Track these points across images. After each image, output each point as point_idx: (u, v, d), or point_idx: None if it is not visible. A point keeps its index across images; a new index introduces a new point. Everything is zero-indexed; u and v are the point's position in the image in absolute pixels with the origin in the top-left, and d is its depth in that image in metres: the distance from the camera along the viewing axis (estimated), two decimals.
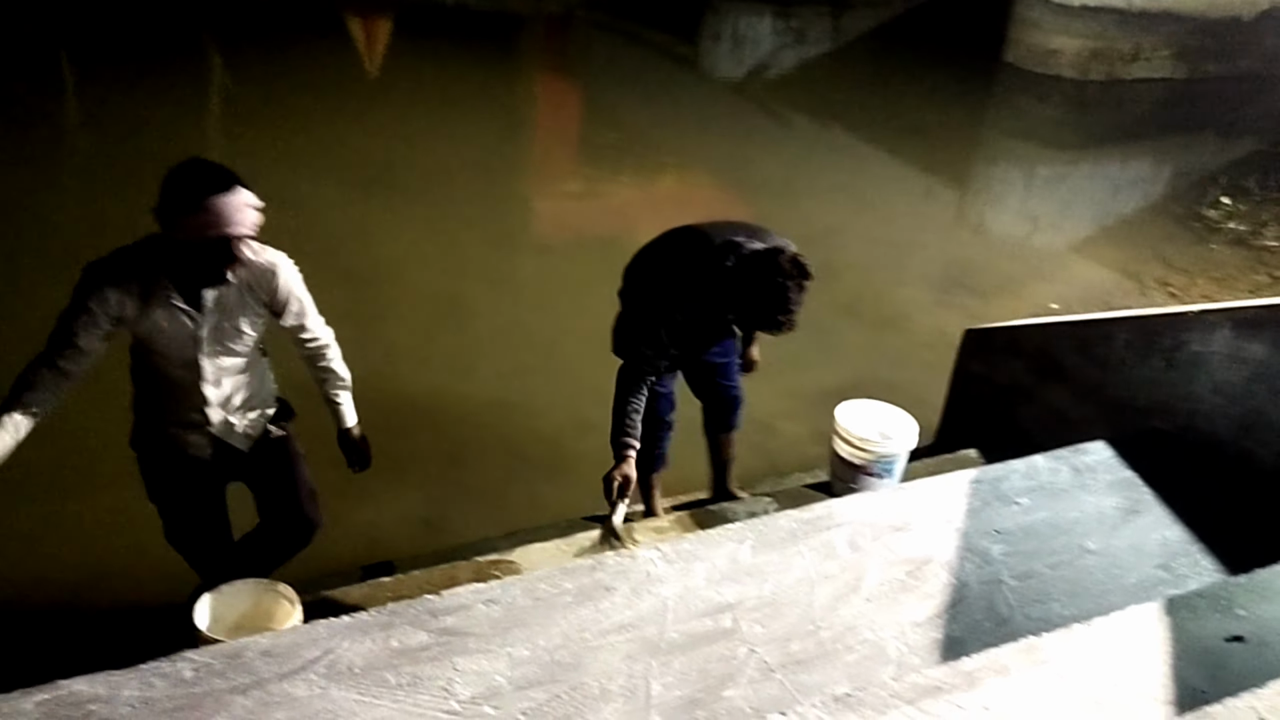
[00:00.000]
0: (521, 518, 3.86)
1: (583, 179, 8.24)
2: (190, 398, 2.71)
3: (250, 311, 2.67)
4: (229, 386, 2.75)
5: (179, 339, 2.60)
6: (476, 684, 2.07)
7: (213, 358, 2.67)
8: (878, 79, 11.45)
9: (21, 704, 1.90)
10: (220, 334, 2.64)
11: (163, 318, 2.55)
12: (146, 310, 2.53)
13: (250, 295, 2.65)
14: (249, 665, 2.04)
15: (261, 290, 2.67)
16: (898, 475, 3.62)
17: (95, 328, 2.49)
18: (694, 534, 2.76)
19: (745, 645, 2.27)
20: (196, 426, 2.76)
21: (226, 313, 2.63)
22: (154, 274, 2.52)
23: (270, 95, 8.68)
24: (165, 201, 2.40)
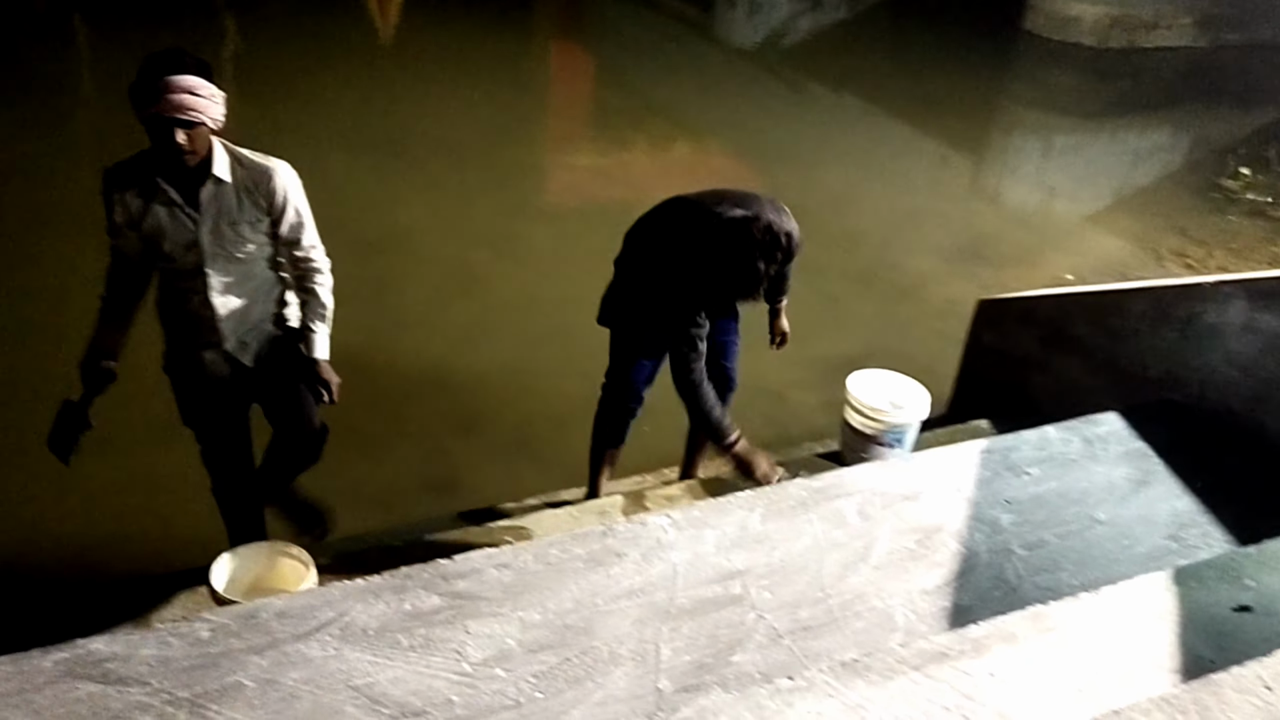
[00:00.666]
0: (532, 484, 3.88)
1: (595, 146, 8.21)
2: (200, 313, 2.78)
3: (249, 215, 2.71)
4: (237, 301, 2.80)
5: (181, 240, 2.67)
6: (488, 647, 2.09)
7: (216, 264, 2.72)
8: (894, 46, 11.35)
9: (40, 662, 1.94)
10: (220, 237, 2.69)
11: (163, 215, 2.65)
12: (148, 208, 2.64)
13: (248, 198, 2.69)
14: (264, 626, 2.07)
15: (260, 193, 2.70)
16: (909, 445, 3.62)
17: (119, 229, 2.67)
18: (704, 501, 2.77)
19: (754, 611, 2.28)
20: (212, 345, 2.83)
21: (224, 213, 2.67)
22: (154, 176, 2.62)
23: (283, 61, 8.65)
24: (136, 84, 2.50)
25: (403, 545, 3.17)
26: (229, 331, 2.83)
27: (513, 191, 6.91)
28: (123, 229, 2.67)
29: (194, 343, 2.85)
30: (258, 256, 2.79)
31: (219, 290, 2.76)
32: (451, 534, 3.31)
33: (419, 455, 4.17)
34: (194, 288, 2.75)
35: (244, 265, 2.77)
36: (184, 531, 3.24)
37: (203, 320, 2.80)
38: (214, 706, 1.88)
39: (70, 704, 1.84)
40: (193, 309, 2.78)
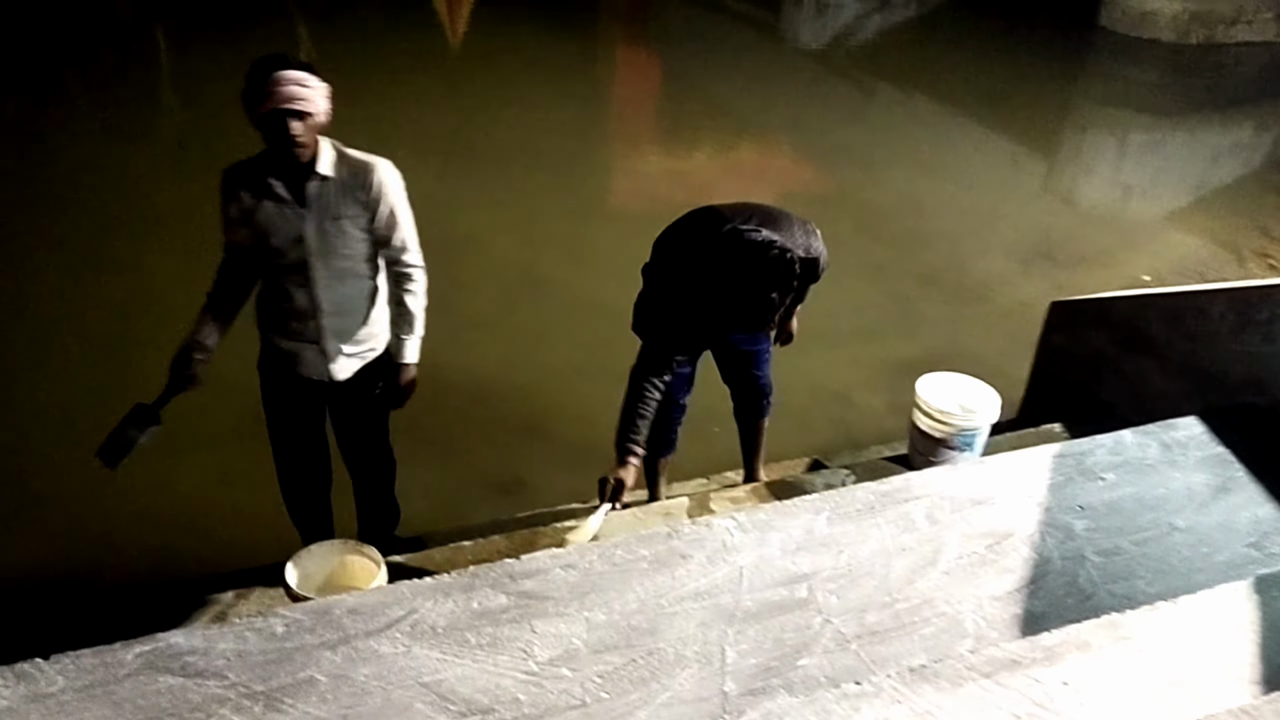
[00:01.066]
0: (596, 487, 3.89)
1: (661, 149, 8.23)
2: (304, 308, 2.87)
3: (352, 210, 2.80)
4: (339, 299, 2.89)
5: (288, 235, 2.77)
6: (554, 646, 2.11)
7: (320, 260, 2.81)
8: (964, 45, 11.17)
9: (123, 655, 1.99)
10: (324, 233, 2.79)
11: (272, 210, 2.75)
12: (259, 204, 2.75)
13: (350, 194, 2.79)
14: (337, 622, 2.11)
15: (360, 188, 2.79)
16: (978, 449, 3.57)
17: (232, 226, 2.79)
18: (770, 504, 2.76)
19: (820, 615, 2.27)
20: (310, 341, 2.91)
21: (329, 209, 2.77)
22: (268, 173, 2.74)
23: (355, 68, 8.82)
24: (247, 87, 2.63)
25: (470, 544, 3.21)
26: (329, 330, 2.91)
27: (579, 194, 6.96)
28: (236, 225, 2.78)
29: (294, 339, 2.93)
30: (359, 256, 2.88)
31: (322, 286, 2.85)
32: (518, 534, 3.34)
33: (486, 456, 4.22)
34: (298, 282, 2.84)
35: (347, 263, 2.86)
36: (260, 528, 3.32)
37: (305, 315, 2.88)
38: (288, 700, 1.92)
39: (151, 696, 1.90)
40: (296, 305, 2.87)
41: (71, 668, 1.95)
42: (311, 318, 2.88)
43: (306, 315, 2.88)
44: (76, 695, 1.89)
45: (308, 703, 1.92)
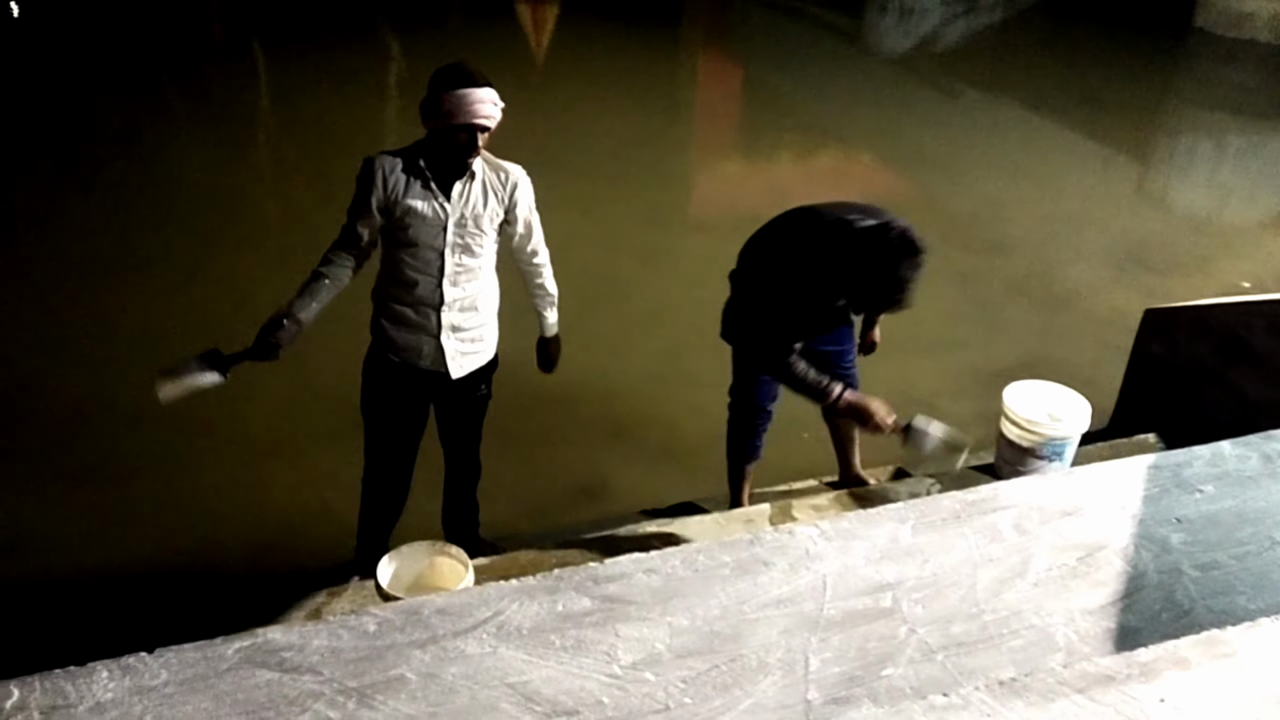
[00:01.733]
0: (679, 490, 3.92)
1: (741, 156, 8.22)
2: (429, 298, 2.98)
3: (490, 210, 2.96)
4: (463, 293, 3.00)
5: (429, 227, 2.90)
6: (637, 650, 2.12)
7: (455, 253, 2.94)
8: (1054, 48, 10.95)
9: (223, 650, 2.06)
10: (463, 227, 2.92)
11: (418, 200, 2.87)
12: (406, 193, 2.87)
13: (493, 195, 2.95)
14: (426, 622, 2.15)
15: (503, 193, 2.97)
16: (1068, 459, 3.49)
17: (367, 213, 2.89)
18: (853, 512, 2.73)
19: (905, 625, 2.24)
20: (431, 335, 3.01)
21: (470, 205, 2.92)
22: (417, 163, 2.87)
23: None
24: (429, 97, 2.80)
25: (555, 547, 3.25)
26: (449, 324, 3.00)
27: (660, 203, 6.99)
28: (374, 211, 2.88)
29: (414, 331, 3.02)
30: (486, 255, 3.02)
31: (451, 279, 2.96)
32: (601, 537, 3.37)
33: (570, 460, 4.26)
34: (429, 274, 2.95)
35: (476, 261, 2.99)
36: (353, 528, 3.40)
37: (429, 308, 2.99)
38: (380, 697, 1.96)
39: (249, 690, 1.96)
40: (423, 297, 2.97)
41: (174, 661, 2.02)
42: (435, 310, 2.99)
43: (430, 308, 2.99)
44: (179, 688, 1.96)
45: (398, 700, 1.96)
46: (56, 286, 5.38)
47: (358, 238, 2.93)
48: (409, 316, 3.00)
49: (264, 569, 3.44)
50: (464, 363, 3.10)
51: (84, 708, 1.90)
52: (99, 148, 7.50)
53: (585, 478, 4.18)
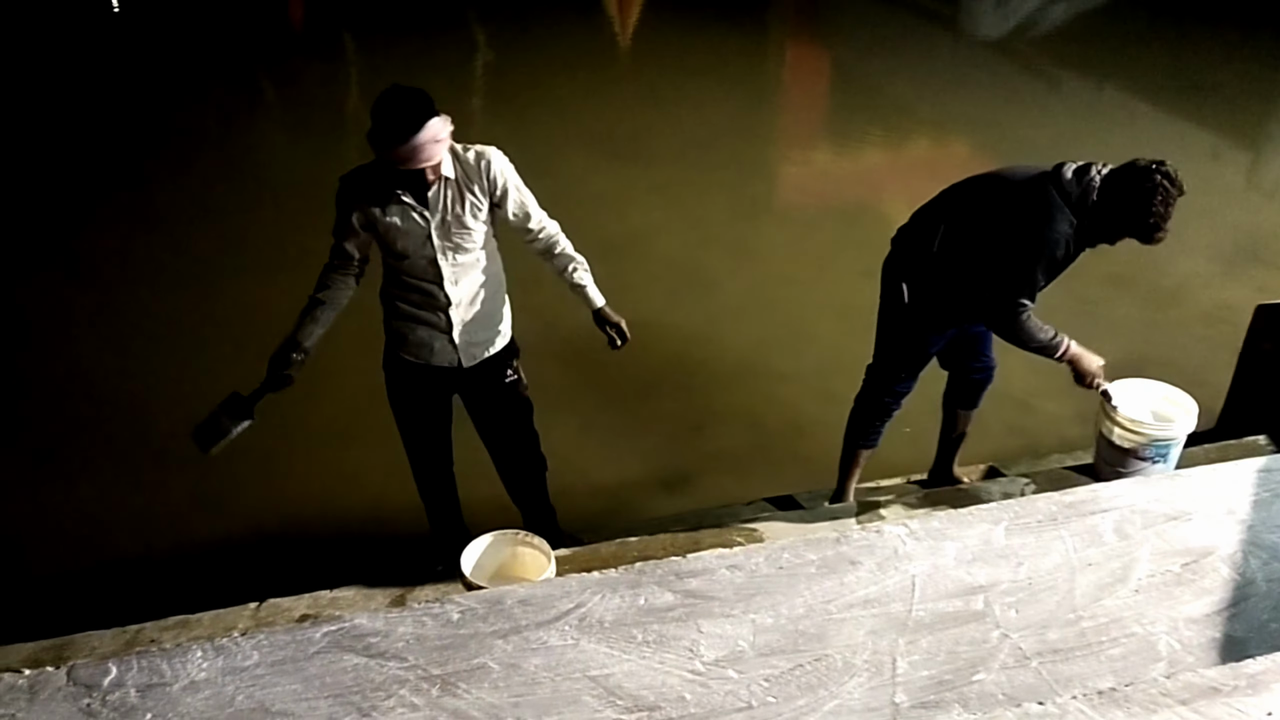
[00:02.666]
0: (763, 485, 3.87)
1: (830, 146, 8.10)
2: (435, 301, 2.96)
3: (471, 202, 2.89)
4: (467, 289, 2.98)
5: (415, 236, 2.87)
6: (720, 647, 2.10)
7: (447, 255, 2.91)
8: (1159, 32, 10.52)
9: (312, 633, 2.10)
10: (447, 230, 2.89)
11: (397, 215, 2.85)
12: (384, 211, 2.84)
13: (467, 189, 2.88)
14: (508, 612, 2.16)
15: (477, 181, 2.89)
16: (1173, 461, 3.35)
17: (352, 232, 2.89)
18: (944, 512, 2.66)
19: (998, 629, 2.18)
20: (442, 331, 3.01)
21: (450, 208, 2.87)
22: (388, 179, 2.82)
23: (528, 69, 9.03)
24: (371, 133, 2.73)
25: (636, 540, 3.24)
26: (458, 320, 3.00)
27: (747, 191, 6.92)
28: (357, 231, 2.88)
29: (426, 329, 3.02)
30: (479, 245, 2.97)
31: (451, 280, 2.95)
32: (684, 532, 3.35)
33: (652, 452, 4.24)
34: (428, 279, 2.94)
35: (470, 255, 2.95)
36: None
37: (436, 308, 2.98)
38: (463, 685, 1.97)
39: (337, 674, 1.99)
40: (426, 299, 2.97)
41: (265, 643, 2.06)
42: (443, 310, 2.98)
43: (437, 308, 2.98)
44: (269, 669, 2.00)
45: (480, 689, 1.97)
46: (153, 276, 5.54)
47: (349, 257, 2.94)
48: (419, 316, 3.01)
49: (350, 555, 3.49)
50: (477, 351, 3.09)
51: (178, 686, 1.95)
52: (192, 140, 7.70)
53: (667, 471, 4.16)
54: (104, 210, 6.37)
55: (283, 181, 6.80)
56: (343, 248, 2.93)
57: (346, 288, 2.98)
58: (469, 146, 2.90)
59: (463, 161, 2.88)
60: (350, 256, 2.94)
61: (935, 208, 3.24)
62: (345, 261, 2.95)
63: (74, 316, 5.23)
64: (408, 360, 3.07)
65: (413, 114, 2.69)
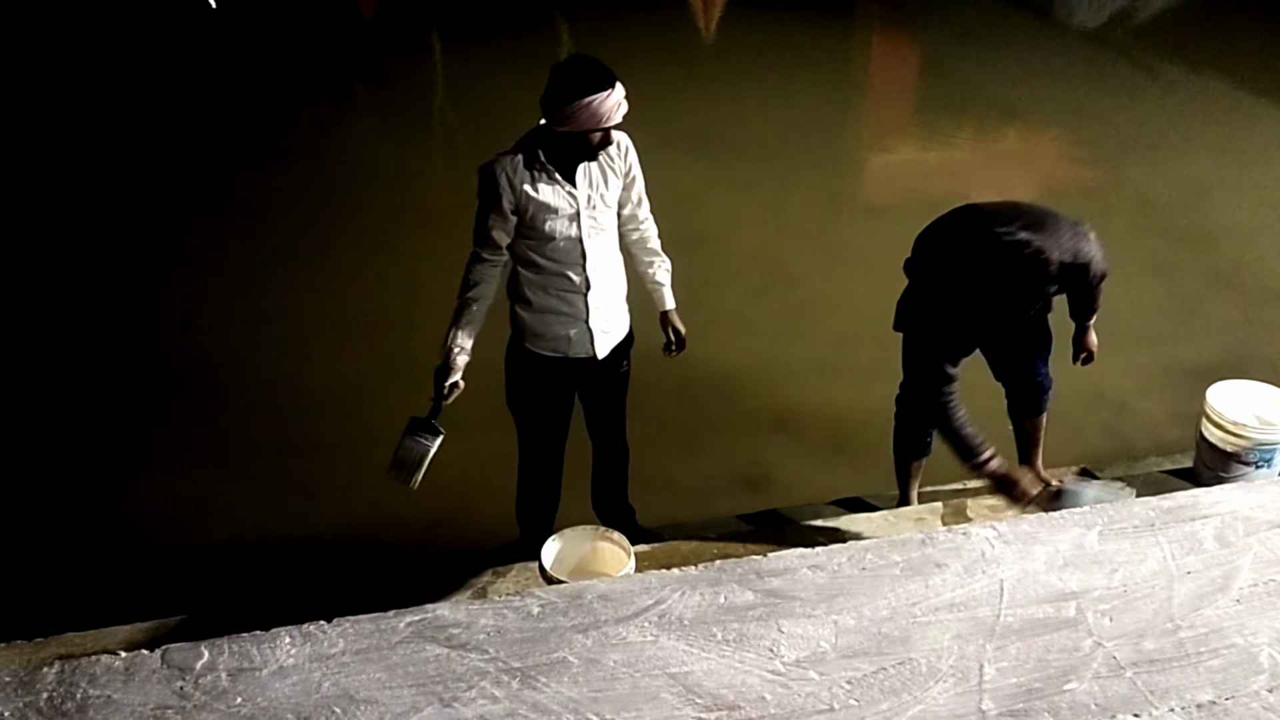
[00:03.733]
0: (844, 484, 3.82)
1: (917, 138, 7.94)
2: (575, 286, 2.98)
3: (612, 183, 2.95)
4: (604, 274, 3.01)
5: (562, 218, 2.90)
6: (801, 647, 2.07)
7: (591, 236, 2.94)
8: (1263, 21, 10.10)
9: (395, 623, 2.13)
10: (594, 210, 2.93)
11: (548, 194, 2.87)
12: (534, 188, 2.86)
13: (610, 167, 2.94)
14: (588, 607, 2.16)
15: (619, 161, 2.95)
16: (1277, 466, 3.22)
17: (500, 218, 2.89)
18: (1034, 515, 2.59)
19: (1091, 637, 2.11)
20: (580, 319, 3.02)
21: (595, 186, 2.92)
22: (537, 157, 2.86)
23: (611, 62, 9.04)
24: (548, 95, 2.77)
25: (716, 539, 3.22)
26: (595, 306, 3.01)
27: (831, 187, 6.83)
28: (506, 215, 2.88)
29: (563, 319, 3.03)
30: (613, 229, 3.03)
31: (593, 263, 2.97)
32: (764, 531, 3.33)
33: (732, 450, 4.21)
34: (571, 261, 2.95)
35: (607, 237, 3.00)
36: None
37: (576, 293, 2.99)
38: (542, 679, 1.98)
39: (419, 663, 2.02)
40: (568, 284, 2.98)
41: (350, 631, 2.10)
42: (583, 295, 2.99)
43: (578, 292, 2.99)
44: (355, 657, 2.03)
45: (560, 683, 1.98)
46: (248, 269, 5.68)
47: (496, 245, 2.94)
48: (556, 307, 3.01)
49: (433, 546, 3.54)
50: (607, 341, 3.10)
51: (267, 671, 1.99)
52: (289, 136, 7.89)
53: (747, 468, 4.12)
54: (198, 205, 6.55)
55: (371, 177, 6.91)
56: (490, 236, 2.92)
57: (493, 280, 2.99)
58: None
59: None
60: (498, 245, 2.94)
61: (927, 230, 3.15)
62: (493, 251, 2.95)
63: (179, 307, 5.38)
64: (539, 354, 3.08)
65: (605, 71, 2.77)
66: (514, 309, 3.08)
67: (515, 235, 2.94)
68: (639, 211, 3.08)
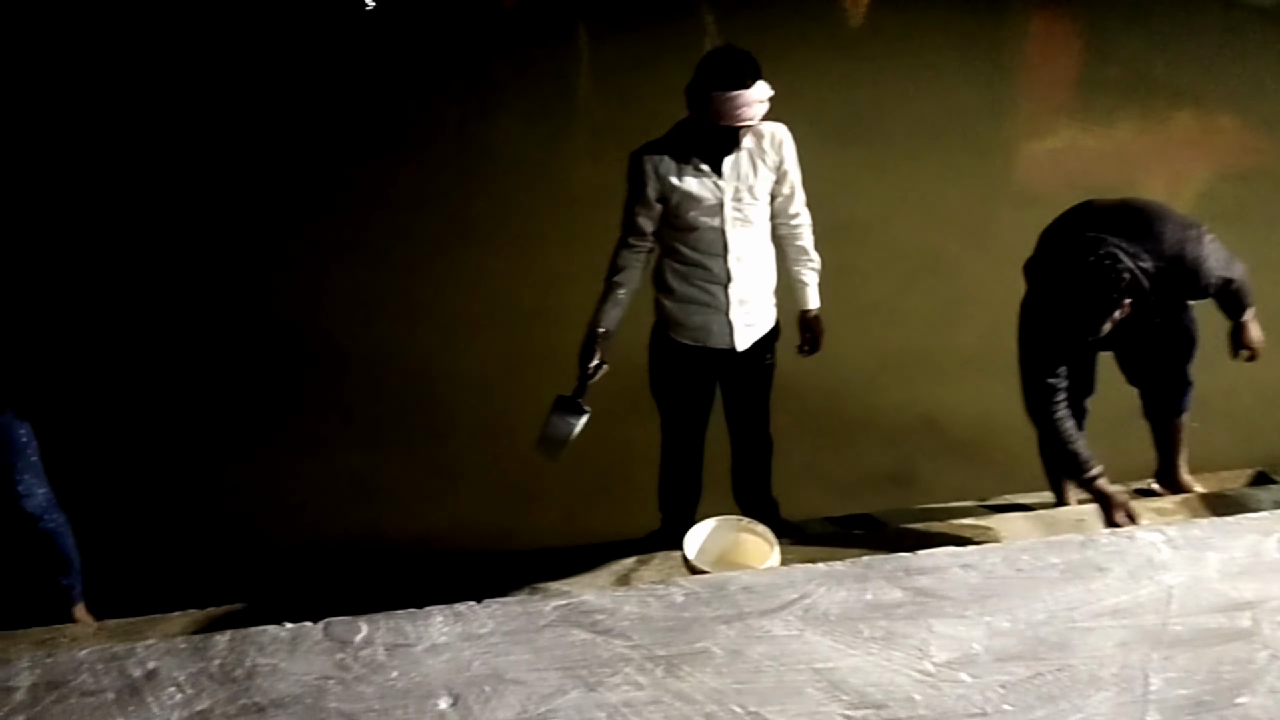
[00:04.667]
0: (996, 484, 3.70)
1: (1077, 123, 7.59)
2: (716, 276, 2.99)
3: (762, 176, 2.93)
4: (747, 266, 2.99)
5: (707, 208, 2.90)
6: (952, 649, 2.02)
7: (735, 227, 2.93)
8: None
9: (542, 606, 2.17)
10: (740, 201, 2.92)
11: (693, 184, 2.88)
12: (680, 178, 2.88)
13: (760, 159, 2.92)
14: (732, 598, 2.16)
15: (770, 154, 2.93)
16: None
17: (646, 205, 2.92)
18: (1206, 520, 2.46)
19: (1267, 650, 1.98)
20: (720, 310, 3.02)
21: (743, 178, 2.90)
22: (684, 146, 2.87)
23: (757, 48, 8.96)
24: (691, 85, 2.79)
25: (862, 533, 3.16)
26: (736, 298, 3.01)
27: (985, 174, 6.61)
28: (651, 203, 2.92)
29: (703, 309, 3.04)
30: (762, 221, 3.00)
31: (736, 255, 2.97)
32: (911, 527, 3.25)
33: (879, 444, 4.13)
34: (713, 252, 2.96)
35: (754, 230, 2.99)
36: None
37: (717, 284, 3.00)
38: (686, 668, 1.99)
39: (565, 647, 2.05)
40: (709, 275, 2.99)
41: (500, 613, 2.15)
42: (723, 286, 2.99)
43: (718, 283, 2.99)
44: (503, 638, 2.08)
45: (704, 673, 1.98)
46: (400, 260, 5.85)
47: (642, 232, 2.97)
48: (697, 297, 3.01)
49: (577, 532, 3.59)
50: (749, 334, 3.08)
51: (421, 648, 2.06)
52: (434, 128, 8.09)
53: (894, 464, 4.03)
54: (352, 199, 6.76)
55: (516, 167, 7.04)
56: (635, 224, 2.97)
57: (638, 266, 3.04)
58: (764, 122, 2.93)
59: (756, 134, 2.91)
60: (644, 231, 2.98)
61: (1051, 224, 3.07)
62: (639, 238, 2.99)
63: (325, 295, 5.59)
64: (681, 343, 3.11)
65: (748, 66, 2.77)
66: (658, 296, 3.11)
67: (660, 223, 2.95)
68: (790, 206, 3.04)
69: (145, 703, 1.91)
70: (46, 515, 2.93)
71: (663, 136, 2.92)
